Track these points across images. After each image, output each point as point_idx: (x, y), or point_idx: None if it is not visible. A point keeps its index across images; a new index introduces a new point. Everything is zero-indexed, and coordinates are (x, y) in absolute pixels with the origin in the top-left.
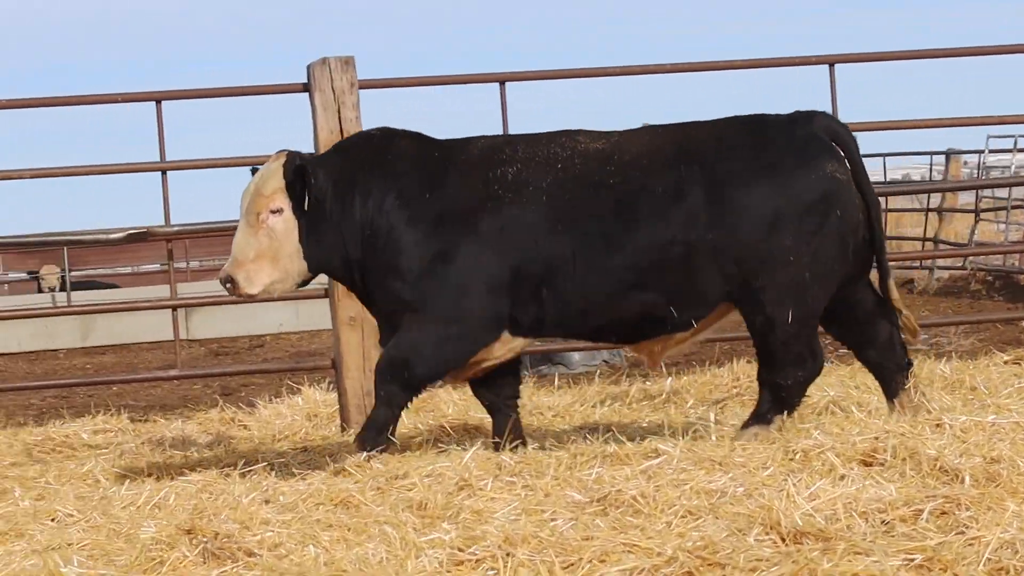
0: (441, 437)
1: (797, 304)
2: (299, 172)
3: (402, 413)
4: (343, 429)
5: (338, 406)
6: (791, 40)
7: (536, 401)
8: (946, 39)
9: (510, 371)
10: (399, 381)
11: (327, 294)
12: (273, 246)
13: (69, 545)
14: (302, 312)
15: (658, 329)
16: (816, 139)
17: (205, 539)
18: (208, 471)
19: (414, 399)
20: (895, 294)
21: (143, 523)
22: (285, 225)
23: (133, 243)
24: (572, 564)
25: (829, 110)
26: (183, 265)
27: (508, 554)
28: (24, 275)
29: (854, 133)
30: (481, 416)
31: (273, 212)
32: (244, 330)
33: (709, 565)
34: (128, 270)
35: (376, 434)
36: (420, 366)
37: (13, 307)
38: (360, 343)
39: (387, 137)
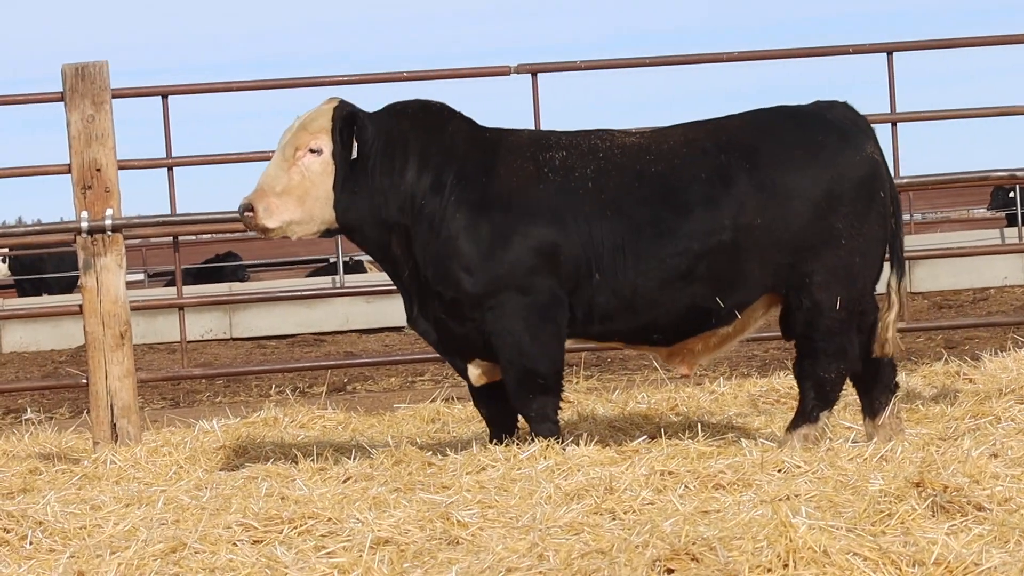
0: None
1: (847, 288)
2: (349, 119)
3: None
4: None
5: None
6: None
7: None
8: None
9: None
10: (537, 391)
11: None
12: (304, 185)
13: (796, 496)
14: None
15: (703, 323)
16: (850, 122)
17: (934, 492)
18: (934, 424)
19: (561, 399)
20: (902, 296)
21: (870, 475)
22: (322, 167)
23: None
24: None
25: None
26: (907, 217)
27: None
28: None
29: None
30: None
31: (312, 151)
32: (967, 283)
33: None
34: None
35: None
36: (540, 365)
37: None
38: None
39: (446, 110)
